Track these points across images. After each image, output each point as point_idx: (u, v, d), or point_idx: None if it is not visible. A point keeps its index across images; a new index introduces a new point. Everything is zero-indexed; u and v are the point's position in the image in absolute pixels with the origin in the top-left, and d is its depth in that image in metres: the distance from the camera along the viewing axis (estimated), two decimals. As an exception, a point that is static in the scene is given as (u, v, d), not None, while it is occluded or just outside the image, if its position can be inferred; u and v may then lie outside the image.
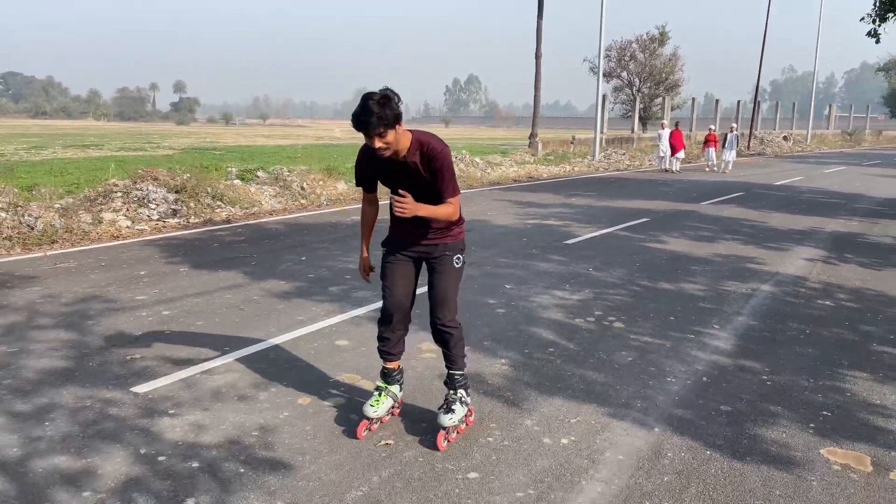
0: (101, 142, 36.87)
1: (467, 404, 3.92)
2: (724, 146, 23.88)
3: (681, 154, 23.37)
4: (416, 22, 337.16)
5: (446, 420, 3.76)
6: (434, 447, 3.72)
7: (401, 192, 3.45)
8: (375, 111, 3.17)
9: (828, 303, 6.90)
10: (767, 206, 14.42)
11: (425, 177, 3.50)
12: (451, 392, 3.87)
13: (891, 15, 14.84)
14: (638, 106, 42.32)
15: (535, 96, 30.01)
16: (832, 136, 53.39)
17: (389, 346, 3.89)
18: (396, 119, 3.25)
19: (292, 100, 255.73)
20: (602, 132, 39.33)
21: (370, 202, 3.93)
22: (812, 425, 4.11)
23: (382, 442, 3.80)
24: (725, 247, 9.81)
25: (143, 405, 4.22)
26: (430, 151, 3.45)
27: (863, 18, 15.29)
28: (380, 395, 3.93)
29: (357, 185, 3.83)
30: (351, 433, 3.88)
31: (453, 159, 7.56)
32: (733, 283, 7.60)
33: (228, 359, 5.01)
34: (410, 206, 3.39)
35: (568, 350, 5.34)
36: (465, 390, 3.93)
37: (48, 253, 8.78)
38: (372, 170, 3.67)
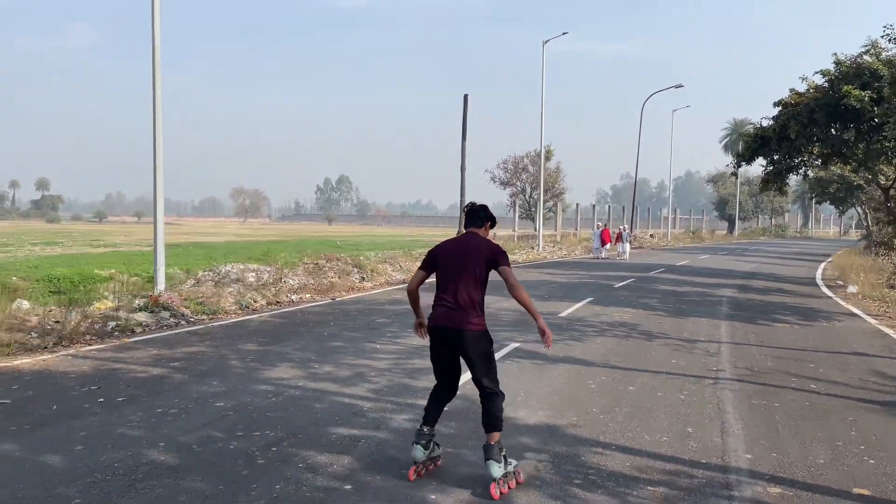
0: (39, 240, 38.59)
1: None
2: (618, 241, 34.04)
3: (608, 245, 33.69)
4: (280, 124, 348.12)
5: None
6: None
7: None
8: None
9: (750, 303, 16.51)
10: (688, 274, 24.46)
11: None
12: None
13: (743, 164, 26.17)
14: (539, 209, 53.38)
15: (461, 199, 39.63)
16: (679, 234, 67.35)
17: None
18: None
19: (144, 196, 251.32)
20: (515, 230, 50.26)
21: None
22: (765, 320, 13.46)
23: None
24: (690, 287, 19.42)
25: (565, 320, 12.86)
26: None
27: (728, 165, 26.54)
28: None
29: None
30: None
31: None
32: (709, 297, 17.13)
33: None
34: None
35: (674, 311, 14.47)
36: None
37: (345, 297, 16.87)
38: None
